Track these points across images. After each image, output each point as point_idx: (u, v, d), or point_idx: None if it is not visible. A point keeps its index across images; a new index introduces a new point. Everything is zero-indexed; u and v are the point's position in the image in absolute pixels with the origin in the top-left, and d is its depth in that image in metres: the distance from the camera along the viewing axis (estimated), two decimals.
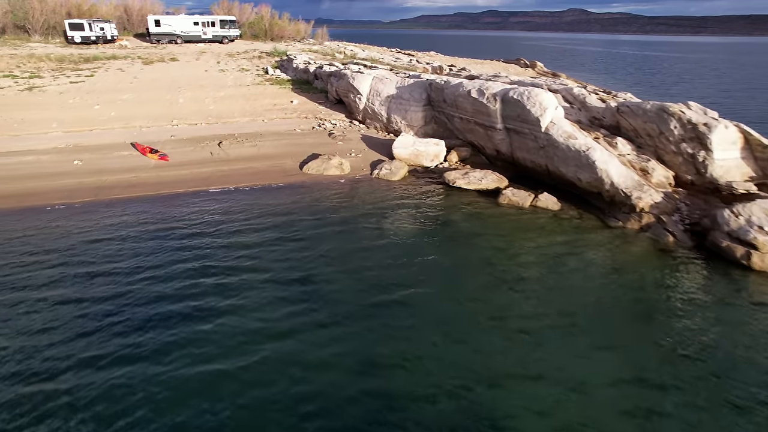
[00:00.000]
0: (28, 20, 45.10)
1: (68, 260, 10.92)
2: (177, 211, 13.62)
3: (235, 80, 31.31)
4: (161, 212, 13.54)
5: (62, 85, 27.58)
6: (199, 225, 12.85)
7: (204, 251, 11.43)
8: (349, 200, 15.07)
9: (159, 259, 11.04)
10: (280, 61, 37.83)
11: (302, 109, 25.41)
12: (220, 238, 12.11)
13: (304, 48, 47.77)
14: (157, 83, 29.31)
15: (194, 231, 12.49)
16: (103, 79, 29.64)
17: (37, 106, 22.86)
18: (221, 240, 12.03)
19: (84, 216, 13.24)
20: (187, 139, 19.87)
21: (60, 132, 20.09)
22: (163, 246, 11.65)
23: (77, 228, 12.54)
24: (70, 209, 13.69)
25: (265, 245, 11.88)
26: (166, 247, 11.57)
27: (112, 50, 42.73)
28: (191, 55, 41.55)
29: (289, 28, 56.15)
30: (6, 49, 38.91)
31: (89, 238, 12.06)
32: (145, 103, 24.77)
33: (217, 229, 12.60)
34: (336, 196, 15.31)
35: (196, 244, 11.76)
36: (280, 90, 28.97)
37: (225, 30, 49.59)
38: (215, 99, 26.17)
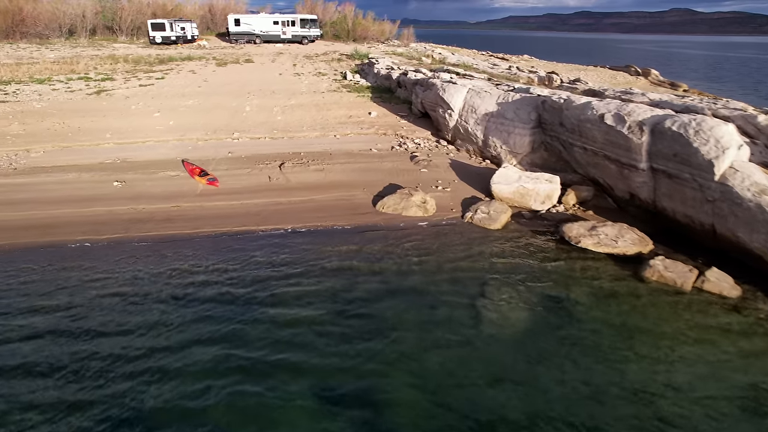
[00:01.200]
0: (116, 21, 47.08)
1: (67, 325, 8.59)
2: (211, 263, 11.01)
3: (310, 86, 29.25)
4: (191, 263, 11.00)
5: (130, 88, 27.09)
6: (233, 286, 10.09)
7: (231, 328, 8.61)
8: (432, 257, 11.62)
9: (170, 336, 8.36)
10: (361, 65, 35.49)
11: (381, 123, 22.45)
12: (255, 310, 9.21)
13: (387, 50, 45.36)
14: (225, 88, 27.99)
15: (225, 296, 9.73)
16: (172, 83, 28.92)
17: (98, 113, 22.04)
18: (256, 313, 9.13)
19: (104, 261, 11.08)
20: (245, 158, 17.61)
21: (112, 143, 18.77)
22: (181, 316, 8.99)
23: (92, 278, 10.35)
24: (93, 250, 11.61)
25: (314, 325, 8.81)
26: (183, 320, 8.89)
27: (190, 50, 43.16)
28: (267, 57, 40.67)
29: (373, 28, 54.32)
30: (90, 50, 40.46)
31: (102, 292, 9.81)
32: (208, 111, 23.20)
33: (253, 296, 9.75)
34: (415, 250, 11.93)
35: (223, 315, 8.99)
36: (357, 99, 26.33)
37: (305, 30, 48.69)
38: (284, 108, 24.05)
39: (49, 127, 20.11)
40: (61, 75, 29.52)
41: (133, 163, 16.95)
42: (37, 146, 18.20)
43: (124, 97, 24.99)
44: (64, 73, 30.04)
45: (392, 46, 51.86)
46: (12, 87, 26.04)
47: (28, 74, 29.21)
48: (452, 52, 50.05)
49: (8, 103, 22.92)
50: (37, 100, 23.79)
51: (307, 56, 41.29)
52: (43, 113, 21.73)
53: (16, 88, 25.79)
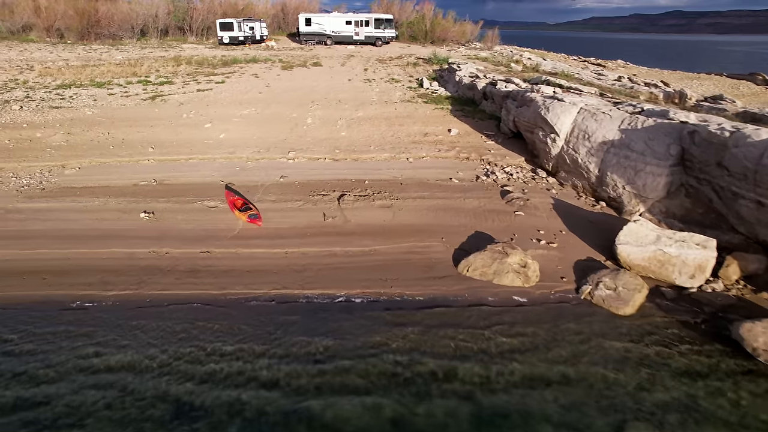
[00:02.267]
0: (186, 21, 47.53)
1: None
2: (231, 347, 8.43)
3: (381, 94, 26.66)
4: (205, 347, 8.48)
5: (187, 93, 25.92)
6: (251, 389, 7.40)
7: None
8: (536, 358, 8.36)
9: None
10: (439, 71, 32.46)
11: (463, 144, 19.26)
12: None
13: (469, 54, 42.00)
14: (287, 95, 26.09)
15: (239, 408, 7.04)
16: (232, 88, 27.52)
17: (146, 123, 20.72)
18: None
19: (105, 327, 8.98)
20: (299, 185, 15.16)
21: (153, 160, 17.10)
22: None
23: (83, 355, 8.19)
24: (96, 311, 9.51)
25: None
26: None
27: (257, 51, 42.36)
28: (337, 60, 38.80)
29: (453, 29, 51.14)
30: (158, 52, 40.68)
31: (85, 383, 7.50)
32: (265, 122, 21.21)
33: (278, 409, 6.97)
34: (512, 344, 8.72)
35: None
36: (435, 112, 23.32)
37: (380, 30, 46.54)
38: (350, 122, 21.55)
39: (93, 138, 18.93)
40: (121, 78, 29.13)
41: (169, 186, 15.03)
42: (75, 161, 16.89)
43: (177, 104, 23.71)
44: (125, 76, 29.66)
45: (474, 50, 48.37)
46: (71, 91, 25.71)
47: (90, 77, 29.07)
48: (543, 57, 45.68)
49: (61, 110, 22.27)
50: (91, 105, 23.03)
51: (380, 60, 38.94)
52: (91, 121, 20.73)
53: (74, 93, 25.40)
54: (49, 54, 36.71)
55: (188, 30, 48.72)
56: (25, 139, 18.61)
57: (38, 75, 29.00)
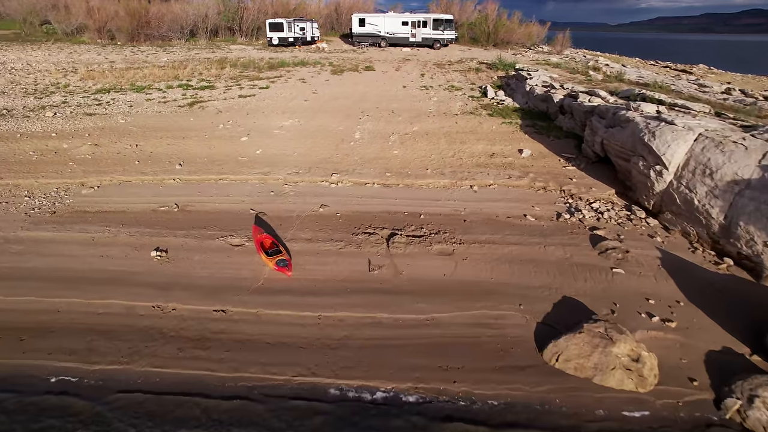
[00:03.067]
0: (236, 21, 46.97)
1: None
2: None
3: (440, 105, 24.25)
4: None
5: (228, 100, 24.52)
6: None
7: None
8: None
9: None
10: (505, 79, 29.63)
11: (538, 169, 16.51)
12: None
13: (538, 59, 38.82)
14: (335, 103, 24.16)
15: None
16: (276, 93, 25.93)
17: (179, 133, 19.29)
18: None
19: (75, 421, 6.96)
20: (341, 217, 12.99)
21: (179, 179, 15.45)
22: None
23: None
24: (73, 392, 7.57)
25: None
26: None
27: (306, 54, 40.99)
28: (391, 64, 36.70)
29: (518, 31, 47.89)
30: (204, 53, 40.07)
31: None
32: (308, 136, 19.27)
33: None
34: None
35: None
36: (502, 127, 20.63)
37: (438, 32, 44.09)
38: (404, 137, 19.25)
39: (120, 151, 17.58)
40: (162, 82, 28.24)
41: (191, 214, 13.22)
42: (95, 178, 15.49)
43: (215, 112, 22.25)
44: (167, 80, 28.78)
45: (542, 54, 45.00)
46: (109, 96, 24.91)
47: (131, 81, 28.37)
48: (622, 64, 41.73)
49: (95, 117, 21.29)
50: (125, 113, 21.96)
51: (438, 64, 36.50)
52: (122, 131, 19.52)
53: (111, 98, 24.57)
54: (97, 56, 36.74)
55: (238, 30, 48.17)
56: (51, 150, 17.50)
57: (80, 78, 28.57)
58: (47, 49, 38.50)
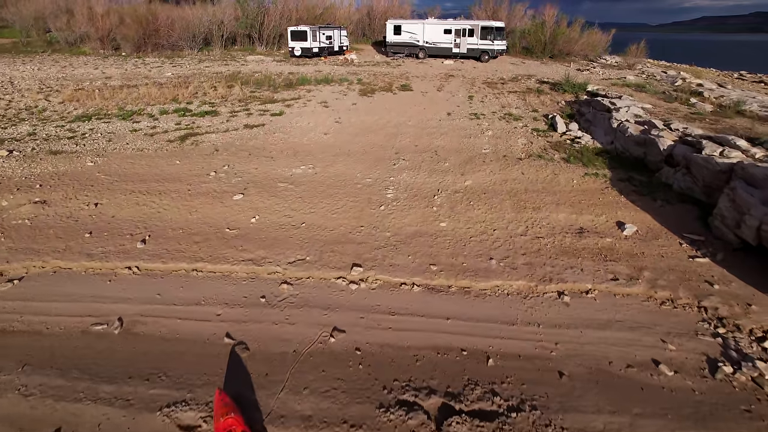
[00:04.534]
0: (255, 27, 43.60)
1: None
2: None
3: (497, 142, 19.72)
4: None
5: (230, 132, 20.62)
6: None
7: None
8: None
9: None
10: (576, 105, 24.84)
11: (653, 260, 11.77)
12: None
13: (610, 77, 33.78)
14: (362, 140, 19.94)
15: None
16: (289, 124, 21.91)
17: (156, 185, 15.38)
18: None
19: None
20: (363, 358, 8.64)
21: (137, 268, 11.38)
22: None
23: None
24: None
25: None
26: None
27: (332, 67, 37.05)
28: (431, 81, 32.33)
29: (580, 41, 42.76)
30: (216, 66, 36.64)
31: None
32: (324, 194, 15.04)
33: None
34: None
35: None
36: (586, 181, 15.96)
37: (487, 42, 39.53)
38: (454, 198, 14.80)
39: (72, 213, 13.72)
40: (157, 105, 24.64)
41: (137, 341, 9.05)
42: (21, 264, 11.55)
43: (211, 151, 18.33)
44: (163, 102, 25.17)
45: (611, 68, 39.85)
46: (88, 125, 21.37)
47: (121, 103, 24.85)
48: (716, 84, 36.27)
49: (60, 156, 17.69)
50: (99, 151, 18.27)
51: (488, 82, 31.91)
52: (86, 179, 15.76)
53: (91, 128, 21.01)
54: (93, 70, 33.64)
55: (257, 38, 44.76)
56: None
57: (62, 101, 25.22)
58: (39, 62, 35.69)
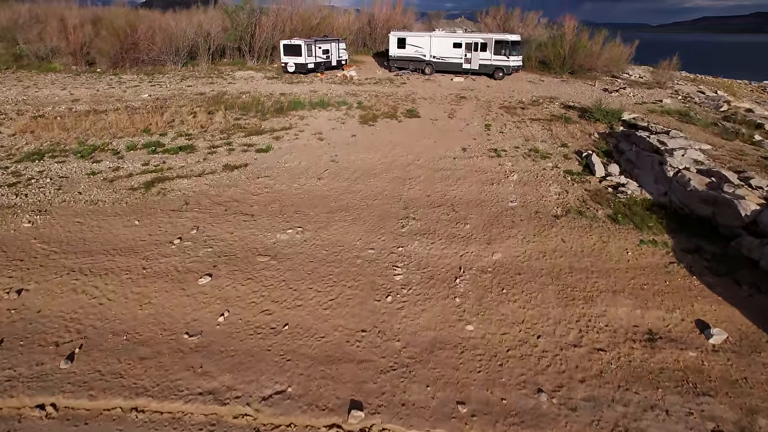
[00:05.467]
0: (245, 39, 40.92)
1: None
2: None
3: (524, 190, 16.86)
4: None
5: (205, 176, 17.83)
6: None
7: None
8: None
9: None
10: (612, 137, 21.96)
11: (766, 399, 8.80)
12: None
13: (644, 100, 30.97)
14: (363, 186, 17.08)
15: None
16: (277, 165, 19.12)
17: (103, 257, 12.56)
18: None
19: None
20: None
21: (53, 408, 8.46)
22: None
23: None
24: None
25: None
26: None
27: (329, 86, 34.29)
28: (441, 105, 29.50)
29: (602, 54, 39.88)
30: (200, 85, 33.90)
31: None
32: (314, 274, 12.18)
33: None
34: None
35: None
36: (643, 253, 13.07)
37: (501, 57, 36.69)
38: (481, 282, 11.91)
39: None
40: (125, 138, 21.84)
41: None
42: None
43: (180, 204, 15.52)
44: (132, 134, 22.38)
45: (640, 86, 37.05)
46: (38, 166, 18.54)
47: (83, 135, 22.05)
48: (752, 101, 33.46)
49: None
50: (42, 205, 15.45)
51: (506, 106, 29.04)
52: (15, 250, 12.92)
53: (40, 170, 18.18)
54: (60, 91, 30.85)
55: (247, 51, 42.07)
56: None
57: (14, 132, 22.38)
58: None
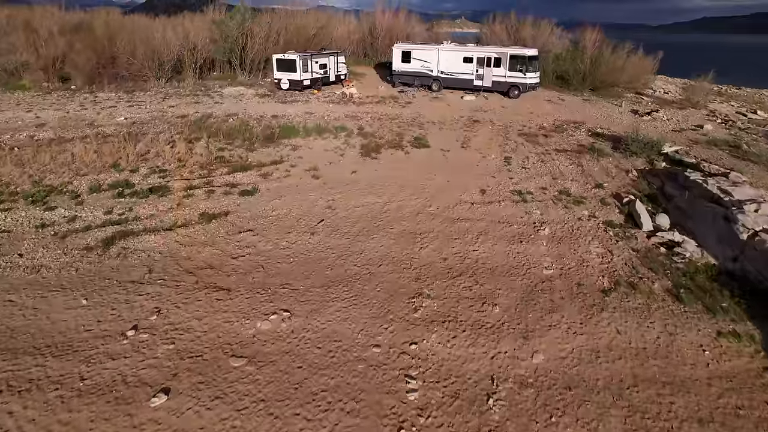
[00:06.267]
0: (235, 52, 38.46)
1: None
2: None
3: (559, 250, 14.27)
4: None
5: (177, 230, 15.16)
6: None
7: None
8: None
9: None
10: (655, 176, 19.33)
11: None
12: None
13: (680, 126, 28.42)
14: (366, 246, 14.48)
15: None
16: (263, 211, 16.66)
17: (30, 359, 10.04)
18: None
19: None
20: None
21: None
22: None
23: None
24: None
25: None
26: None
27: (326, 106, 31.77)
28: (452, 129, 26.94)
29: (626, 69, 37.22)
30: (183, 105, 31.37)
31: None
32: (303, 394, 9.60)
33: None
34: None
35: None
36: (725, 356, 10.49)
37: (517, 74, 34.10)
38: (521, 398, 9.38)
39: None
40: (90, 175, 19.27)
41: None
42: None
43: (141, 273, 12.90)
44: (98, 170, 19.86)
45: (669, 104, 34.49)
46: None
47: (41, 172, 19.45)
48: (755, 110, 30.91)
49: None
50: None
51: (526, 133, 26.42)
52: None
53: None
54: (25, 113, 28.27)
55: (238, 65, 39.61)
56: None
57: None
58: None
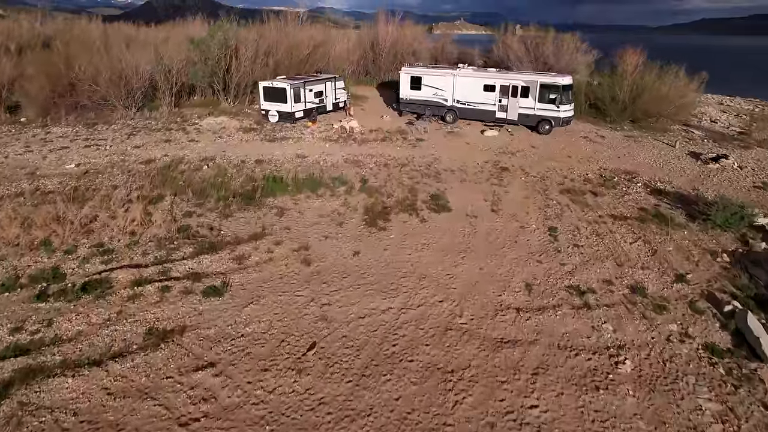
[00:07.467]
0: (217, 75, 34.47)
1: None
2: None
3: (652, 400, 9.97)
4: None
5: (105, 365, 11.02)
6: None
7: None
8: None
9: None
10: (758, 267, 15.14)
11: None
12: None
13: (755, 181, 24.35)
14: (373, 401, 10.22)
15: None
16: (232, 326, 13.19)
17: None
18: None
19: None
20: None
21: None
22: None
23: None
24: None
25: None
26: None
27: (322, 145, 27.67)
28: (476, 181, 22.82)
29: (671, 98, 32.91)
30: (152, 144, 27.25)
31: None
32: None
33: None
34: None
35: None
36: None
37: (548, 106, 29.88)
38: None
39: None
40: (7, 259, 15.18)
41: None
42: None
43: None
44: (20, 252, 15.75)
45: (723, 141, 30.44)
46: None
47: None
48: None
49: None
50: None
51: (569, 189, 22.06)
52: None
53: None
54: None
55: (221, 90, 35.63)
56: None
57: None
58: None
